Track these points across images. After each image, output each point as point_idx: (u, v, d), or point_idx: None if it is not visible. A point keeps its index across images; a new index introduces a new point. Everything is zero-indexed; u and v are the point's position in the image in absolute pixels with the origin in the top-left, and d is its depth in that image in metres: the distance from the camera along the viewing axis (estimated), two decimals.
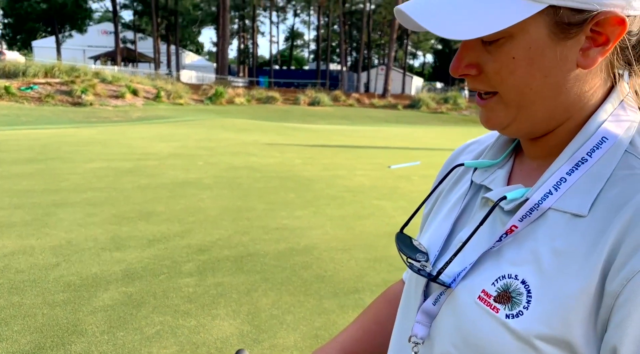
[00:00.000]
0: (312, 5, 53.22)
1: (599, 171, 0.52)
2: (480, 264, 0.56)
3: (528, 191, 0.55)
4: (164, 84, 23.52)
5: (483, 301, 0.53)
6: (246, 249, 4.03)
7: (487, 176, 0.64)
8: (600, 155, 0.52)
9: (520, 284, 0.51)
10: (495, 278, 0.53)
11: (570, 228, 0.51)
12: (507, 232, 0.54)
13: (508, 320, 0.51)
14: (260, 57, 75.95)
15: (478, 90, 0.56)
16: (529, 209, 0.54)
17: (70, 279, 3.30)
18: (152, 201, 5.37)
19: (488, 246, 0.56)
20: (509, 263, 0.53)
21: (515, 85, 0.52)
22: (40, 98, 17.91)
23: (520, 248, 0.54)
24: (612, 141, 0.53)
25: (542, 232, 0.53)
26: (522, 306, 0.50)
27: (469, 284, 0.55)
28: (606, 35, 0.50)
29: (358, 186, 6.80)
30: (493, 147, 0.66)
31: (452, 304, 0.57)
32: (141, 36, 46.44)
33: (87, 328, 2.68)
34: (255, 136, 12.69)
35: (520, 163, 0.63)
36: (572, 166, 0.53)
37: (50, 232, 4.19)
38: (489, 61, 0.53)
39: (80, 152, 8.40)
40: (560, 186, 0.53)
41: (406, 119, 23.87)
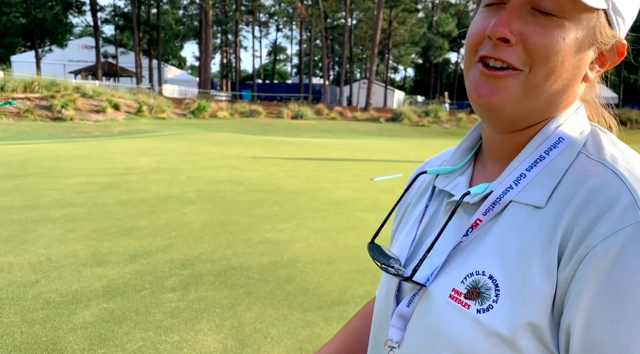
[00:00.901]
0: (295, 20, 53.72)
1: (555, 167, 0.55)
2: (450, 262, 0.58)
3: (490, 186, 0.58)
4: (146, 98, 23.36)
5: (454, 299, 0.55)
6: (229, 263, 4.01)
7: (449, 182, 0.66)
8: (557, 153, 0.56)
9: (487, 280, 0.53)
10: (464, 275, 0.55)
11: (530, 220, 0.54)
12: (473, 226, 0.57)
13: (479, 315, 0.53)
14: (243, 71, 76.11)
15: (505, 60, 0.54)
16: (491, 203, 0.56)
17: (50, 296, 3.24)
18: (134, 215, 5.32)
19: (455, 243, 0.58)
20: (475, 259, 0.56)
21: (548, 69, 0.53)
22: (19, 113, 17.62)
23: (486, 243, 0.56)
24: (568, 142, 0.57)
25: (504, 225, 0.55)
26: (492, 299, 0.52)
27: (440, 283, 0.57)
28: (607, 60, 0.56)
29: (341, 198, 6.83)
30: (455, 154, 0.69)
31: (425, 304, 0.58)
32: (123, 51, 46.19)
33: (67, 345, 2.63)
34: (239, 150, 12.67)
35: (481, 168, 0.66)
36: (531, 162, 0.56)
37: (29, 249, 4.11)
38: (538, 33, 0.52)
39: (60, 168, 8.28)
40: (520, 181, 0.56)
41: (388, 132, 24.09)
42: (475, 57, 0.57)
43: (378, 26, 34.45)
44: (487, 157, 0.65)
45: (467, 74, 0.58)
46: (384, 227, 0.73)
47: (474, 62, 0.57)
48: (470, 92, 0.57)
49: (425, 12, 48.98)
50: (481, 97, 0.55)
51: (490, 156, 0.64)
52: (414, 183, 0.75)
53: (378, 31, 34.61)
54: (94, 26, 37.61)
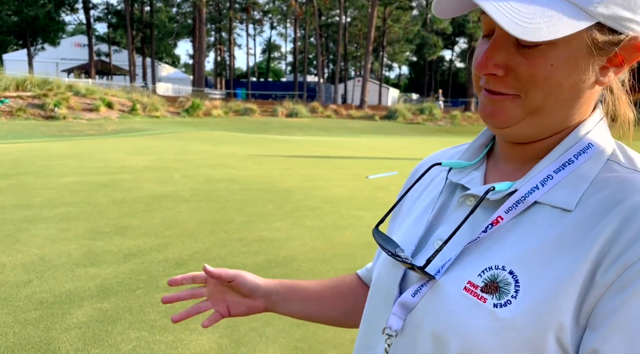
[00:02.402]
0: (289, 18, 53.61)
1: (584, 172, 0.55)
2: (465, 256, 0.57)
3: (515, 184, 0.57)
4: (140, 96, 23.24)
5: (469, 292, 0.54)
6: (224, 262, 4.00)
7: (463, 176, 0.66)
8: (585, 159, 0.56)
9: (507, 275, 0.52)
10: (482, 269, 0.54)
11: (558, 221, 0.53)
12: (493, 223, 0.56)
13: (496, 309, 0.51)
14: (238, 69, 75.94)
15: (498, 91, 0.55)
16: (515, 202, 0.56)
17: (43, 296, 3.21)
18: (128, 215, 5.29)
19: (470, 238, 0.57)
20: (494, 255, 0.55)
21: (544, 92, 0.53)
22: (11, 112, 17.49)
23: (507, 240, 0.55)
24: (597, 148, 0.56)
25: (528, 224, 0.55)
26: (511, 295, 0.51)
27: (454, 276, 0.56)
28: (623, 57, 0.53)
29: (336, 196, 6.83)
30: (469, 149, 0.69)
31: (435, 295, 0.57)
32: (116, 49, 45.92)
33: (60, 346, 2.61)
34: (233, 148, 12.64)
35: (494, 166, 0.65)
36: (559, 165, 0.56)
37: (22, 249, 4.08)
38: (523, 65, 0.53)
39: (53, 167, 8.22)
40: (546, 183, 0.55)
41: (383, 130, 24.11)
42: (479, 84, 0.58)
43: (372, 24, 34.43)
44: (499, 157, 0.65)
45: (478, 95, 0.60)
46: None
47: (480, 87, 0.58)
48: (479, 112, 0.59)
49: (419, 9, 49.01)
50: (486, 118, 0.57)
51: (503, 158, 0.64)
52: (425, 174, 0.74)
53: (372, 29, 34.59)
54: (87, 24, 37.36)
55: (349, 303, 0.87)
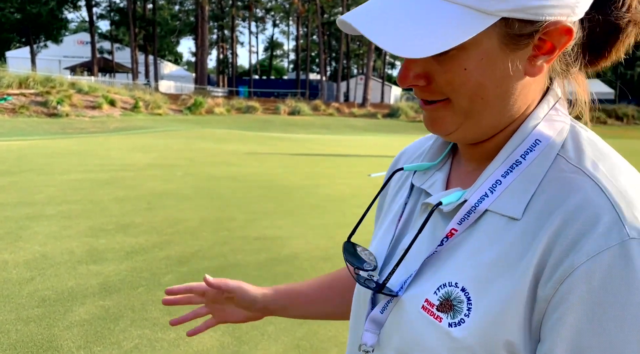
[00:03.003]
0: (291, 16, 53.53)
1: (532, 173, 0.53)
2: (424, 271, 0.56)
3: (465, 193, 0.56)
4: (142, 94, 23.26)
5: (427, 311, 0.54)
6: (227, 259, 3.99)
7: (426, 179, 0.65)
8: (533, 157, 0.53)
9: (460, 292, 0.52)
10: (437, 286, 0.54)
11: (505, 232, 0.52)
12: (448, 236, 0.55)
13: (451, 329, 0.51)
14: (240, 67, 75.91)
15: (429, 99, 0.55)
16: (466, 212, 0.54)
17: (45, 293, 3.21)
18: (130, 212, 5.29)
19: (430, 251, 0.56)
20: (449, 270, 0.54)
21: (467, 95, 0.52)
22: (14, 109, 17.52)
23: (460, 253, 0.54)
24: (545, 143, 0.54)
25: (479, 235, 0.54)
26: (464, 313, 0.51)
27: (413, 293, 0.56)
28: (552, 43, 0.50)
29: (339, 194, 6.81)
30: (431, 148, 0.67)
31: (398, 313, 0.57)
32: (118, 46, 45.93)
33: (62, 343, 2.61)
34: (235, 146, 12.64)
35: (457, 165, 0.64)
36: (507, 168, 0.54)
37: (24, 246, 4.08)
38: (439, 72, 0.52)
39: (56, 164, 8.23)
40: (495, 188, 0.54)
41: (385, 128, 24.07)
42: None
43: None
44: (462, 155, 0.64)
45: None
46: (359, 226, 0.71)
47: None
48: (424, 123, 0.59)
49: None
50: (428, 127, 0.57)
51: (464, 156, 0.63)
52: (391, 179, 0.75)
53: None
54: (90, 22, 37.36)
55: (347, 298, 0.87)
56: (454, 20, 0.47)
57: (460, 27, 0.47)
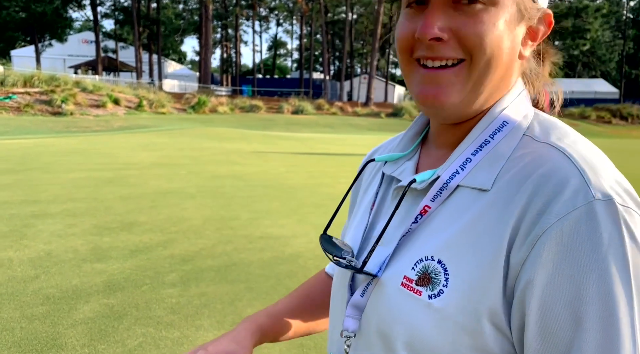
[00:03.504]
0: (295, 15, 53.53)
1: (500, 151, 0.56)
2: (400, 249, 0.58)
3: (437, 171, 0.59)
4: (146, 93, 23.32)
5: (406, 287, 0.55)
6: (230, 258, 4.00)
7: (396, 168, 0.67)
8: (501, 137, 0.57)
9: (437, 264, 0.54)
10: (414, 261, 0.56)
11: (475, 202, 0.54)
12: (422, 213, 0.57)
13: (431, 300, 0.53)
14: (244, 66, 75.92)
15: (443, 57, 0.54)
16: (439, 189, 0.57)
17: (50, 291, 3.22)
18: (134, 211, 5.30)
19: (405, 229, 0.58)
20: (424, 245, 0.56)
21: (489, 53, 0.53)
22: (19, 108, 17.59)
23: (433, 228, 0.56)
24: (512, 125, 0.57)
25: (451, 209, 0.56)
26: (442, 284, 0.53)
27: (392, 272, 0.57)
28: (537, 33, 0.56)
29: (342, 193, 6.79)
30: (402, 140, 0.70)
31: (379, 293, 0.58)
32: (123, 45, 46.05)
33: (67, 341, 2.62)
34: (239, 145, 12.65)
35: (427, 154, 0.66)
36: (476, 147, 0.57)
37: (29, 244, 4.10)
38: (469, 24, 0.53)
39: (60, 163, 8.26)
40: (466, 166, 0.56)
41: (389, 127, 24.04)
42: (411, 58, 0.57)
43: (379, 21, 34.31)
44: (432, 144, 0.66)
45: (408, 78, 0.59)
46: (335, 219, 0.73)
47: (412, 64, 0.57)
48: (416, 96, 0.57)
49: None
50: (428, 98, 0.56)
51: (436, 144, 0.65)
52: (363, 171, 0.76)
53: (379, 26, 34.48)
54: (94, 20, 37.47)
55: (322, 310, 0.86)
56: None
57: None
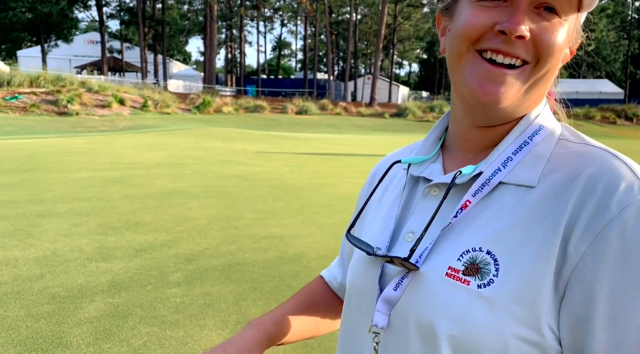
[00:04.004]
0: (299, 16, 53.54)
1: (540, 151, 0.59)
2: (440, 243, 0.58)
3: (479, 166, 0.60)
4: (151, 93, 23.41)
5: (452, 277, 0.55)
6: (234, 258, 4.01)
7: (423, 169, 0.68)
8: (539, 139, 0.60)
9: (486, 255, 0.54)
10: (460, 252, 0.56)
11: (524, 198, 0.56)
12: (462, 207, 0.58)
13: (481, 290, 0.53)
14: (248, 67, 76.03)
15: (517, 56, 0.56)
16: (480, 185, 0.58)
17: (55, 290, 3.24)
18: (139, 210, 5.32)
19: (443, 224, 0.59)
20: (469, 238, 0.56)
21: (553, 63, 0.57)
22: (25, 108, 17.70)
23: (479, 222, 0.57)
24: (548, 129, 0.61)
25: (496, 205, 0.57)
26: (492, 274, 0.53)
27: (434, 264, 0.57)
28: (567, 57, 0.61)
29: (346, 193, 6.81)
30: (424, 145, 0.72)
31: (417, 285, 0.57)
32: (128, 46, 46.21)
33: (72, 340, 2.63)
34: (243, 145, 12.67)
35: (449, 157, 0.68)
36: (516, 147, 0.59)
37: (35, 243, 4.13)
38: (548, 31, 0.56)
39: (66, 162, 8.30)
40: (507, 164, 0.59)
41: (393, 128, 24.01)
42: (471, 48, 0.57)
43: (383, 21, 34.28)
44: (456, 147, 0.67)
45: (462, 66, 0.58)
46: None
47: (471, 54, 0.57)
48: (474, 87, 0.57)
49: (430, 7, 48.67)
50: (488, 94, 0.56)
51: (461, 147, 0.66)
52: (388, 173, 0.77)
53: (383, 26, 34.44)
54: (100, 21, 37.63)
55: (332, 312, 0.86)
56: None
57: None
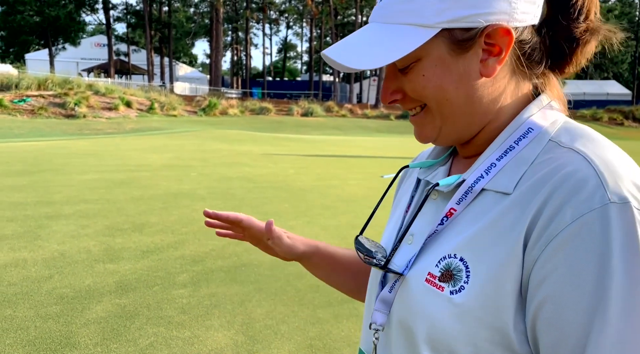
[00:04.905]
0: (305, 18, 53.62)
1: (524, 156, 0.58)
2: (426, 249, 0.62)
3: (462, 176, 0.62)
4: (158, 95, 23.53)
5: (430, 283, 0.58)
6: (240, 259, 4.03)
7: (430, 173, 0.72)
8: (526, 143, 0.59)
9: (459, 262, 0.57)
10: (438, 259, 0.59)
11: (498, 205, 0.57)
12: (447, 215, 0.61)
13: (453, 296, 0.56)
14: (254, 69, 76.23)
15: (409, 109, 0.64)
16: (464, 192, 0.60)
17: (63, 291, 3.28)
18: (146, 212, 5.36)
19: (432, 230, 0.62)
20: (448, 244, 0.59)
21: (432, 98, 0.60)
22: (33, 110, 17.85)
23: (458, 229, 0.59)
24: (538, 131, 0.59)
25: (476, 211, 0.59)
26: (463, 280, 0.55)
27: (417, 269, 0.61)
28: (499, 46, 0.57)
29: (351, 195, 6.82)
30: (435, 149, 0.75)
31: (404, 289, 0.62)
32: (135, 48, 46.48)
33: (80, 340, 2.66)
34: (249, 147, 12.71)
35: (457, 161, 0.70)
36: (501, 153, 0.60)
37: (43, 245, 4.17)
38: (406, 83, 0.61)
39: (73, 164, 8.37)
40: (490, 170, 0.59)
41: (398, 129, 23.98)
42: None
43: None
44: (460, 153, 0.70)
45: None
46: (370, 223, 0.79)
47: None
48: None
49: None
50: (418, 138, 0.66)
51: (460, 154, 0.70)
52: (402, 178, 0.83)
53: None
54: (107, 24, 37.88)
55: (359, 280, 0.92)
56: (402, 36, 0.57)
57: (407, 41, 0.56)
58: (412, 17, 0.56)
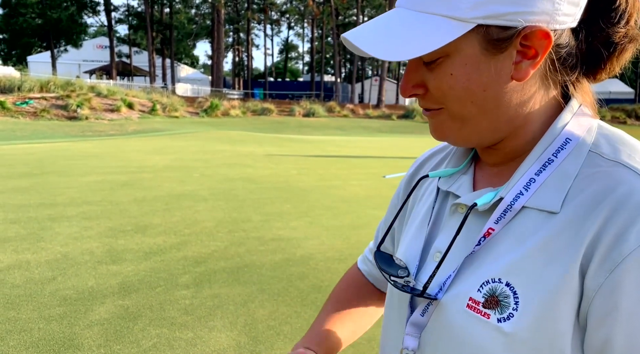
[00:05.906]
0: (306, 18, 53.65)
1: (565, 170, 0.54)
2: (463, 271, 0.57)
3: (499, 192, 0.57)
4: (160, 97, 23.57)
5: (472, 309, 0.54)
6: (242, 260, 4.04)
7: (452, 183, 0.66)
8: (565, 155, 0.55)
9: (505, 287, 0.53)
10: (480, 283, 0.55)
11: (545, 225, 0.53)
12: (485, 235, 0.56)
13: (501, 324, 0.52)
14: (255, 70, 76.33)
15: (427, 107, 0.59)
16: (502, 211, 0.55)
17: (67, 293, 3.29)
18: (148, 213, 5.37)
19: (467, 251, 0.57)
20: (490, 267, 0.55)
21: (456, 100, 0.55)
22: (35, 113, 17.90)
23: (500, 250, 0.55)
24: (575, 142, 0.56)
25: (517, 232, 0.55)
26: (512, 307, 0.52)
27: (455, 293, 0.56)
28: (535, 49, 0.52)
29: (353, 196, 6.82)
30: (454, 155, 0.69)
31: (441, 314, 0.57)
32: (136, 50, 46.59)
33: (83, 342, 2.67)
34: (251, 148, 12.72)
35: (480, 169, 0.65)
36: (539, 166, 0.56)
37: (46, 247, 4.18)
38: (431, 79, 0.56)
39: (76, 166, 8.40)
40: (530, 186, 0.55)
41: (400, 129, 23.97)
42: None
43: None
44: (484, 160, 0.65)
45: None
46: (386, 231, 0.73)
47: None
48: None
49: None
50: (431, 133, 0.61)
51: (485, 161, 0.65)
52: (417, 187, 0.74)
53: None
54: (108, 26, 37.99)
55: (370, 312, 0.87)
56: (433, 28, 0.51)
57: (438, 34, 0.51)
58: (446, 7, 0.51)
